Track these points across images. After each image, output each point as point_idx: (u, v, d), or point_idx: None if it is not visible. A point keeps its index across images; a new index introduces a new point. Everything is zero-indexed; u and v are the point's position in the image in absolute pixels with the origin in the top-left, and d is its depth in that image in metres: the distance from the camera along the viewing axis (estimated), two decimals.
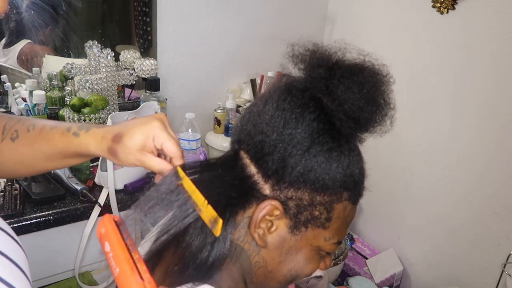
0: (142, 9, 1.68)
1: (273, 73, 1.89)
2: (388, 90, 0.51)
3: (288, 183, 0.50)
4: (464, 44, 1.56)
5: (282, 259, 0.54)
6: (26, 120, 0.62)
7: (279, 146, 0.49)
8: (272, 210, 0.50)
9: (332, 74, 0.49)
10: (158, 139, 0.53)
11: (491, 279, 1.59)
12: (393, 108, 0.51)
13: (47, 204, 1.12)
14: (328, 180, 0.49)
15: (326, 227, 0.53)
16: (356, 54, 0.52)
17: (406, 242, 1.92)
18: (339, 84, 0.49)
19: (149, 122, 0.54)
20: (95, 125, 0.59)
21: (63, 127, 0.58)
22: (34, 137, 0.59)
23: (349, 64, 0.51)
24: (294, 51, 0.53)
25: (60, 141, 0.58)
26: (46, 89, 1.49)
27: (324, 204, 0.51)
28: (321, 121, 0.49)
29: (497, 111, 1.50)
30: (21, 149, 0.59)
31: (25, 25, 1.49)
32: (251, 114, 0.53)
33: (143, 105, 1.32)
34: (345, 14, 2.03)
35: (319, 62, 0.51)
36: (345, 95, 0.48)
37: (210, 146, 1.83)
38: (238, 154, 0.54)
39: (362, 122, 0.50)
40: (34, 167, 0.62)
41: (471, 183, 1.62)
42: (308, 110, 0.49)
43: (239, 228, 0.52)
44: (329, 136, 0.49)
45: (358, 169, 0.52)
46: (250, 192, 0.51)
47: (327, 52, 0.52)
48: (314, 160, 0.48)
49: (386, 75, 0.51)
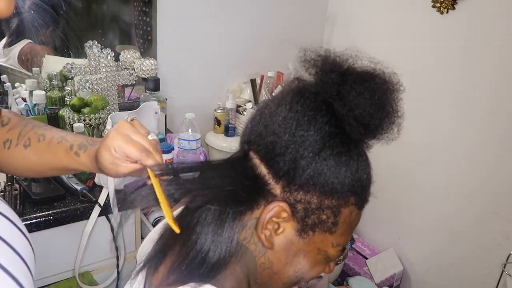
0: (142, 9, 1.68)
1: (273, 73, 1.89)
2: (398, 98, 0.52)
3: (298, 186, 0.50)
4: (464, 44, 1.56)
5: (289, 261, 0.54)
6: (38, 128, 0.68)
7: (291, 147, 0.49)
8: (280, 212, 0.51)
9: (344, 80, 0.50)
10: (119, 149, 0.57)
11: (491, 279, 1.59)
12: (401, 117, 0.52)
13: (47, 204, 1.12)
14: (337, 184, 0.50)
15: (333, 231, 0.53)
16: (367, 61, 0.52)
17: (406, 242, 1.92)
18: (351, 90, 0.49)
19: (107, 136, 0.59)
20: (93, 142, 0.64)
21: (67, 143, 0.64)
22: (43, 148, 0.65)
23: (361, 71, 0.51)
24: (306, 56, 0.54)
25: (64, 158, 0.64)
26: (46, 89, 1.49)
27: (331, 208, 0.51)
28: (332, 125, 0.49)
29: (497, 111, 1.50)
30: (31, 156, 0.66)
31: (26, 26, 1.49)
32: (262, 116, 0.53)
33: (143, 105, 1.32)
34: (345, 14, 2.03)
35: (331, 67, 0.51)
36: (357, 100, 0.49)
37: (210, 146, 1.83)
38: (248, 154, 0.54)
39: (371, 128, 0.50)
40: (41, 173, 0.70)
41: (472, 183, 1.62)
42: (321, 113, 0.50)
43: (246, 229, 0.52)
44: (339, 140, 0.50)
45: (365, 174, 0.53)
46: (260, 192, 0.52)
47: (339, 59, 0.52)
48: (324, 164, 0.49)
49: (397, 83, 0.52)
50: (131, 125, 0.60)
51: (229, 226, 0.50)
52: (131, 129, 0.59)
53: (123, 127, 0.59)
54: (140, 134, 0.59)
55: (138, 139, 0.58)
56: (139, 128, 0.61)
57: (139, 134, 0.59)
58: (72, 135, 0.66)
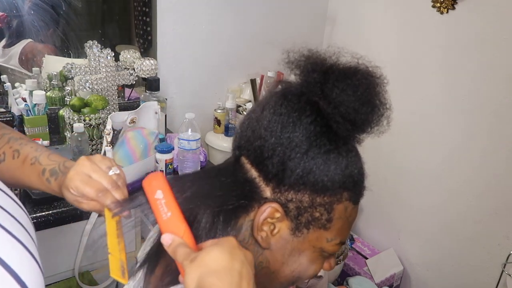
0: (142, 9, 1.68)
1: (273, 73, 1.89)
2: (383, 91, 0.52)
3: (288, 186, 0.51)
4: (464, 44, 1.56)
5: (285, 261, 0.55)
6: (14, 142, 0.65)
7: (278, 150, 0.50)
8: (273, 212, 0.51)
9: (326, 78, 0.51)
10: (76, 190, 0.57)
11: (491, 279, 1.59)
12: (389, 109, 0.52)
13: (47, 204, 1.12)
14: (327, 182, 0.50)
15: (328, 228, 0.53)
16: (350, 57, 0.53)
17: (406, 242, 1.92)
18: (334, 88, 0.50)
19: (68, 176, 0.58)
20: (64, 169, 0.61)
21: (40, 167, 0.62)
22: (16, 167, 0.63)
23: (343, 68, 0.52)
24: (289, 57, 0.55)
25: (36, 181, 0.62)
26: (46, 89, 1.49)
27: (324, 205, 0.52)
28: (318, 124, 0.50)
29: (497, 111, 1.50)
30: (4, 172, 0.64)
31: (26, 26, 1.49)
32: (250, 121, 0.54)
33: (143, 105, 1.32)
34: (345, 14, 2.03)
35: (313, 67, 0.52)
36: (340, 98, 0.50)
37: (210, 146, 1.83)
38: (239, 160, 0.55)
39: (358, 123, 0.51)
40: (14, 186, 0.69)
41: (472, 183, 1.62)
42: (305, 114, 0.50)
43: (242, 232, 0.53)
44: (326, 138, 0.50)
45: (357, 169, 0.53)
46: (251, 196, 0.52)
47: (321, 57, 0.53)
48: (312, 163, 0.49)
49: (380, 77, 0.52)
50: (91, 162, 0.58)
51: (221, 230, 0.51)
52: (91, 167, 0.58)
53: (82, 166, 0.58)
54: (99, 172, 0.57)
55: (97, 177, 0.57)
56: (100, 164, 0.59)
57: (98, 172, 0.57)
58: (45, 156, 0.63)
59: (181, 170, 1.35)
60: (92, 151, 1.35)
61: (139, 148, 1.24)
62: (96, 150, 1.38)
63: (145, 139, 1.27)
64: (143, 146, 1.25)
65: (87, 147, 1.23)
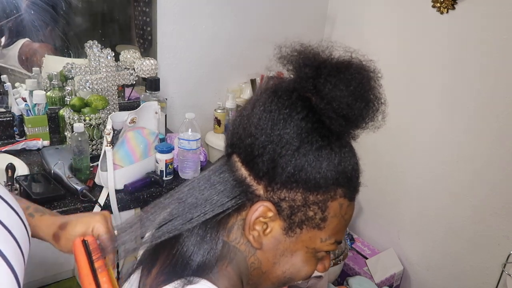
0: (142, 9, 1.68)
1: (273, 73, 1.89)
2: (377, 86, 0.50)
3: (280, 184, 0.50)
4: (464, 44, 1.56)
5: (277, 261, 0.54)
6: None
7: (268, 147, 0.49)
8: (266, 211, 0.50)
9: (318, 73, 0.49)
10: (97, 230, 0.67)
11: (491, 279, 1.59)
12: (384, 103, 0.51)
13: (47, 204, 1.12)
14: (320, 179, 0.49)
15: (322, 227, 0.52)
16: (343, 51, 0.51)
17: (406, 242, 1.92)
18: (326, 83, 0.49)
19: (92, 215, 0.69)
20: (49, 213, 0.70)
21: (24, 205, 0.68)
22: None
23: (335, 62, 0.50)
24: (281, 52, 0.53)
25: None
26: (46, 89, 1.49)
27: (318, 203, 0.51)
28: (309, 121, 0.49)
29: (497, 111, 1.50)
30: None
31: (25, 25, 1.49)
32: (241, 118, 0.53)
33: (143, 105, 1.32)
34: (345, 14, 2.03)
35: (305, 61, 0.51)
36: (333, 93, 0.48)
37: (210, 146, 1.83)
38: (231, 158, 0.54)
39: (351, 119, 0.49)
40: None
41: (472, 183, 1.62)
42: (296, 110, 0.49)
43: (233, 231, 0.53)
44: (318, 135, 0.49)
45: (350, 165, 0.52)
46: (242, 195, 0.51)
47: (314, 52, 0.51)
48: (304, 160, 0.48)
49: (374, 71, 0.51)
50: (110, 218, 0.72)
51: (212, 229, 0.51)
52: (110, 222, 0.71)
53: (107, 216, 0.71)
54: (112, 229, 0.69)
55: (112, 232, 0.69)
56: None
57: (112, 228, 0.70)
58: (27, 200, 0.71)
59: (181, 170, 1.35)
60: (92, 151, 1.35)
61: (139, 148, 1.24)
62: (96, 150, 1.38)
63: (145, 139, 1.27)
64: (143, 146, 1.25)
65: (87, 147, 1.23)
